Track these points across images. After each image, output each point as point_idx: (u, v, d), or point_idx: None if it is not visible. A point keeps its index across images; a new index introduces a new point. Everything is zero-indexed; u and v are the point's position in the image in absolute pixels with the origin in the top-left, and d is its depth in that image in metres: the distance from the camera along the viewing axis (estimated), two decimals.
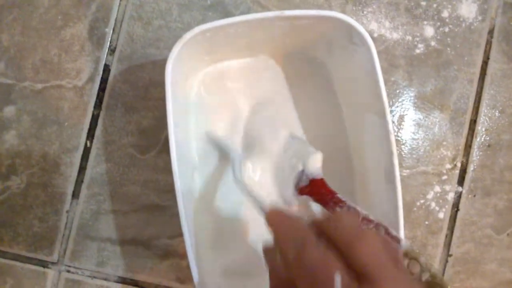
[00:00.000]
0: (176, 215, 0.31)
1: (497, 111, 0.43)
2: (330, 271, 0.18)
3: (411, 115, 0.42)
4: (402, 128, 0.42)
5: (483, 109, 0.43)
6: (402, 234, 0.31)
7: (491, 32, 0.43)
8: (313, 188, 0.33)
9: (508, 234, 0.43)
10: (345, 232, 0.19)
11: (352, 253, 0.18)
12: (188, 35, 0.29)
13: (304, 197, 0.34)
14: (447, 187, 0.42)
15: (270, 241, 0.23)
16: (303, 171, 0.33)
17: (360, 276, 0.18)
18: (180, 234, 0.31)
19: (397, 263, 0.19)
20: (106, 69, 0.40)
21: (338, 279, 0.18)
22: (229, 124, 0.38)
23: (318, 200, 0.32)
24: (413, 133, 0.42)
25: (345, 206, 0.30)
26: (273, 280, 0.23)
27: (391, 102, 0.42)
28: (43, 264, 0.40)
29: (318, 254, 0.19)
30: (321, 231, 0.20)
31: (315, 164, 0.33)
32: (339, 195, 0.31)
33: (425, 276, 0.25)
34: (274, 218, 0.23)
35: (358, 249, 0.18)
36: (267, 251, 0.24)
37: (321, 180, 0.33)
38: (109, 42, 0.41)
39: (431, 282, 0.25)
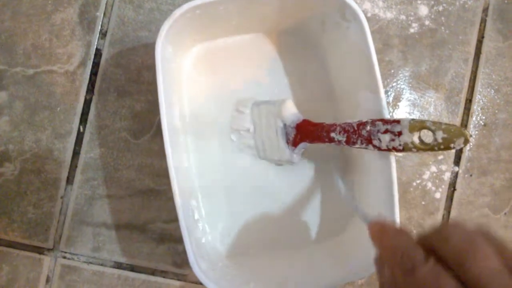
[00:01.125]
0: (171, 199, 0.31)
1: (492, 90, 0.43)
2: None
3: (406, 95, 0.42)
4: (397, 108, 0.42)
5: (478, 88, 0.43)
6: (397, 212, 0.31)
7: (485, 11, 0.43)
8: (302, 132, 0.33)
9: (505, 214, 0.43)
10: (457, 247, 0.18)
11: (466, 269, 0.17)
12: (177, 12, 0.29)
13: (301, 146, 0.33)
14: (443, 167, 0.42)
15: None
16: (284, 124, 0.34)
17: None
18: (176, 218, 0.31)
19: None
20: (98, 53, 0.40)
21: None
22: (220, 104, 0.38)
23: (312, 140, 0.32)
24: (409, 113, 0.42)
25: (336, 127, 0.30)
26: None
27: (386, 82, 0.42)
28: (39, 250, 0.40)
29: (429, 272, 0.18)
30: (429, 245, 0.19)
31: (290, 111, 0.34)
32: (326, 123, 0.31)
33: (440, 136, 0.25)
34: (378, 233, 0.22)
35: (472, 265, 0.17)
36: (378, 263, 0.23)
37: (304, 120, 0.33)
38: (100, 26, 0.40)
39: (448, 138, 0.25)
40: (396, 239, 0.20)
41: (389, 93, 0.42)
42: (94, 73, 0.40)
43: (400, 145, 0.27)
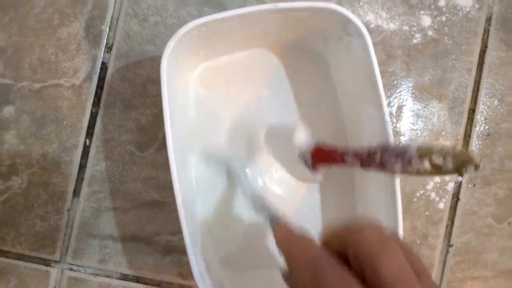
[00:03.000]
0: (176, 211, 0.31)
1: (496, 100, 0.43)
2: None
3: (410, 106, 0.42)
4: (400, 119, 0.42)
5: (482, 98, 0.43)
6: (400, 224, 0.31)
7: (488, 20, 0.43)
8: (317, 158, 0.33)
9: (509, 223, 0.43)
10: (369, 247, 0.18)
11: (376, 271, 0.17)
12: (182, 30, 0.30)
13: (321, 168, 0.34)
14: (447, 177, 0.42)
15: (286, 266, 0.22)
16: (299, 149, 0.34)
17: None
18: (181, 230, 0.31)
19: (424, 278, 0.18)
20: (104, 67, 0.40)
21: None
22: (228, 121, 0.38)
23: (329, 163, 0.33)
24: (412, 123, 0.42)
25: (348, 152, 0.31)
26: None
27: (389, 93, 0.42)
28: (46, 263, 0.40)
29: (335, 276, 0.18)
30: (340, 244, 0.19)
31: (301, 141, 0.34)
32: (338, 150, 0.32)
33: (449, 163, 0.25)
34: (283, 239, 0.21)
35: (382, 267, 0.17)
36: (286, 276, 0.22)
37: (316, 147, 0.33)
38: (105, 40, 0.41)
39: (460, 162, 0.24)
40: (301, 242, 0.20)
41: (392, 103, 0.42)
42: (100, 87, 0.40)
43: (412, 171, 0.27)
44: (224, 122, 0.38)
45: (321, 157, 0.33)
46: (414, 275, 0.17)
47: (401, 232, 0.31)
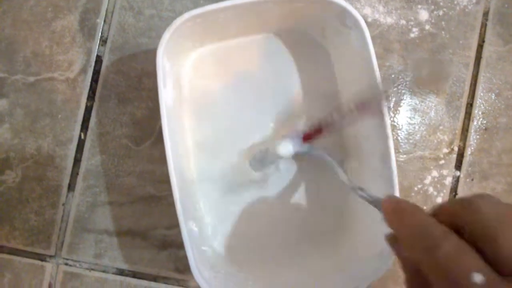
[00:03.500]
0: (172, 205, 0.31)
1: (493, 94, 0.43)
2: (468, 270, 0.15)
3: (407, 100, 0.42)
4: (398, 113, 0.42)
5: (479, 92, 0.43)
6: None
7: (486, 15, 0.43)
8: (306, 139, 0.34)
9: None
10: (488, 220, 0.16)
11: (498, 245, 0.15)
12: (177, 22, 0.29)
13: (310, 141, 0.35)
14: (445, 172, 0.42)
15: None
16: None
17: (506, 273, 0.15)
18: (177, 224, 0.31)
19: None
20: (98, 60, 0.40)
21: (478, 279, 0.15)
22: (222, 109, 0.38)
23: (315, 137, 0.34)
24: (409, 118, 0.42)
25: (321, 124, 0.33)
26: (406, 273, 0.20)
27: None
28: (41, 257, 0.40)
29: (452, 249, 0.16)
30: (449, 221, 0.17)
31: (288, 152, 0.35)
32: (315, 127, 0.33)
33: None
34: (392, 208, 0.20)
35: (504, 242, 0.15)
36: (392, 243, 0.21)
37: (305, 135, 0.34)
38: (100, 33, 0.40)
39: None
40: (414, 216, 0.19)
41: (389, 98, 0.42)
42: (94, 80, 0.40)
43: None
44: (221, 115, 0.38)
45: (308, 137, 0.34)
46: None
47: None
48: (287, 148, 0.34)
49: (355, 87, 0.35)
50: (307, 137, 0.34)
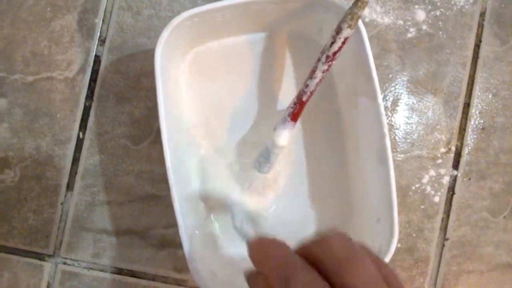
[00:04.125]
0: (171, 205, 0.31)
1: (490, 94, 0.43)
2: None
3: (404, 100, 0.42)
4: (395, 113, 0.42)
5: (477, 92, 0.43)
6: (396, 217, 0.31)
7: (482, 15, 0.43)
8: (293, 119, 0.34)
9: (504, 217, 0.43)
10: (338, 254, 0.18)
11: (344, 277, 0.17)
12: (175, 21, 0.29)
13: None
14: (442, 171, 0.42)
15: (253, 268, 0.21)
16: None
17: None
18: (176, 224, 0.31)
19: (393, 281, 0.18)
20: (97, 59, 0.40)
21: None
22: (220, 107, 0.38)
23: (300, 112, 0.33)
24: (407, 117, 0.42)
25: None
26: None
27: (384, 87, 0.42)
28: (39, 257, 0.40)
29: (305, 281, 0.17)
30: (309, 255, 0.19)
31: (285, 140, 0.34)
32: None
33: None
34: (256, 246, 0.21)
35: (349, 273, 0.17)
36: (251, 279, 0.22)
37: (292, 116, 0.33)
38: (99, 33, 0.40)
39: None
40: (273, 249, 0.20)
41: (387, 97, 0.42)
42: (93, 80, 0.40)
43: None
44: (219, 114, 0.38)
45: (296, 115, 0.34)
46: (382, 279, 0.18)
47: (396, 225, 0.31)
48: (283, 136, 0.33)
49: (352, 88, 0.35)
50: (296, 116, 0.33)
